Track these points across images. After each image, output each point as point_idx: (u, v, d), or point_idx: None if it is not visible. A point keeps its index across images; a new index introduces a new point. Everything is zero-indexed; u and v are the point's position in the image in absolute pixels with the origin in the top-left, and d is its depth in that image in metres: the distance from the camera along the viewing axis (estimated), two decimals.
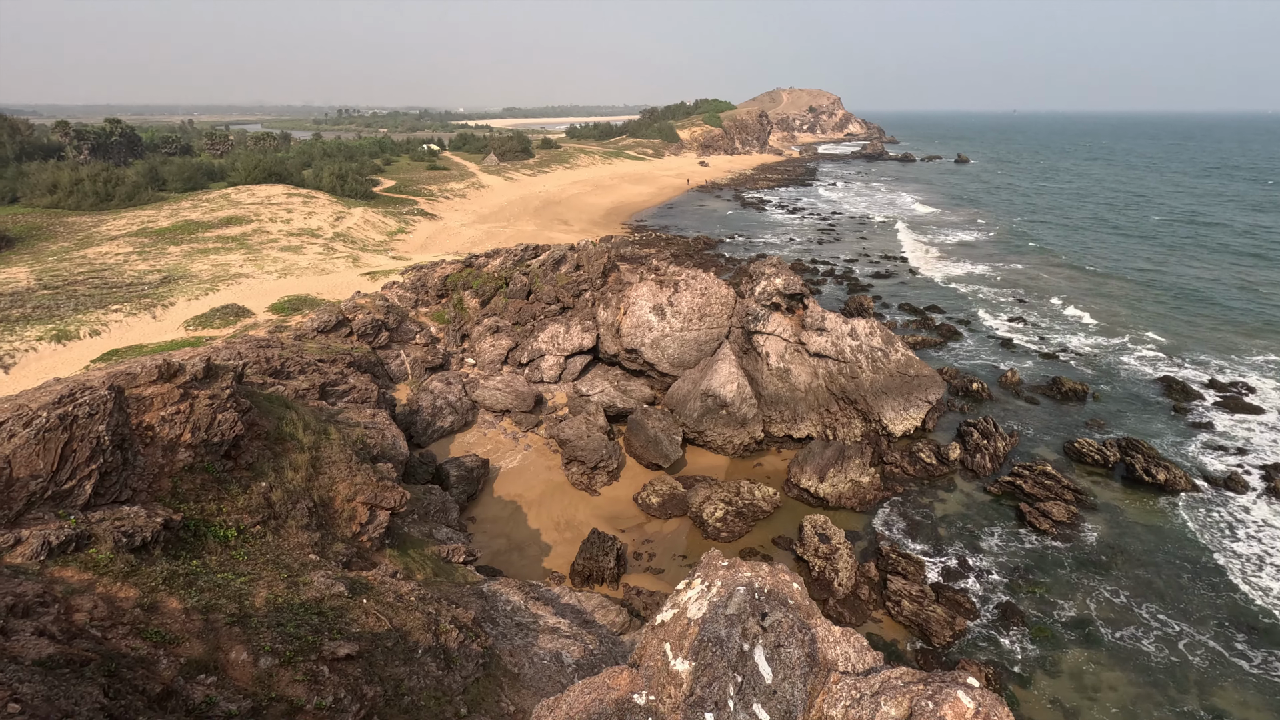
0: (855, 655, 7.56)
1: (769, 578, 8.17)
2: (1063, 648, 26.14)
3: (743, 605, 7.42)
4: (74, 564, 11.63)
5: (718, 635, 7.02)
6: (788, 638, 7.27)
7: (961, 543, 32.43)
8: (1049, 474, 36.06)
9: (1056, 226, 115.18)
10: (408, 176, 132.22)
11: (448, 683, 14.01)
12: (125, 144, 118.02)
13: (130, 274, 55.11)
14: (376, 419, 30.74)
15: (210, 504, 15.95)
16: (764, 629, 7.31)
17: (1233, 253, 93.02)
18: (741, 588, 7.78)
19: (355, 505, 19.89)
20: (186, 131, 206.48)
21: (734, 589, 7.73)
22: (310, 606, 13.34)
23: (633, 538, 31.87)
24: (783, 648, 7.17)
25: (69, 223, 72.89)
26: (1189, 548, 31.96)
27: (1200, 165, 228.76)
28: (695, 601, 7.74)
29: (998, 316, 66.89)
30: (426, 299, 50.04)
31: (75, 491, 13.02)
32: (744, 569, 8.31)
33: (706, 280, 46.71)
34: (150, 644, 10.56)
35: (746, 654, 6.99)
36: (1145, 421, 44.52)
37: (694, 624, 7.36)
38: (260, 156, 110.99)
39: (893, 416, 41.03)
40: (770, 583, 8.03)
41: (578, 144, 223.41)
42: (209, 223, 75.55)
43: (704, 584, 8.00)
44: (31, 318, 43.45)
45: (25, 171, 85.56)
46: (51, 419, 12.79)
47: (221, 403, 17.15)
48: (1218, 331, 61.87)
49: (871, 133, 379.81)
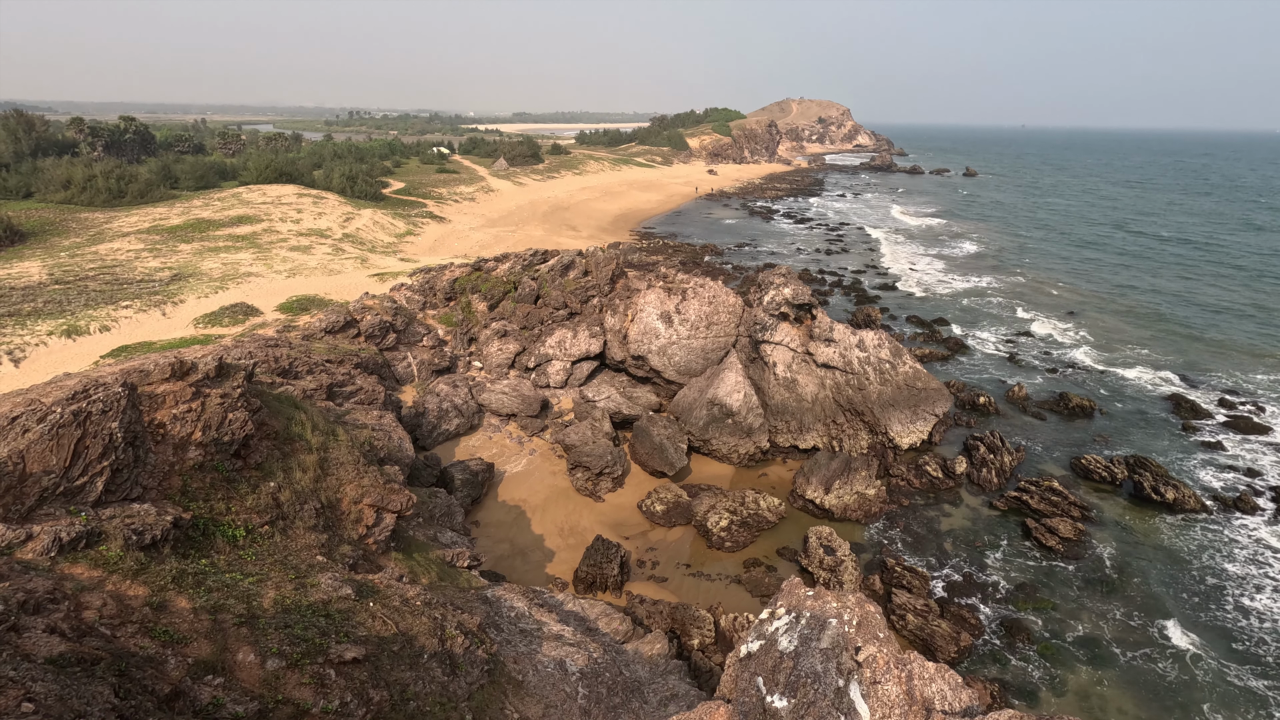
0: (951, 693, 7.18)
1: (857, 609, 7.85)
2: (1070, 666, 25.91)
3: (836, 639, 7.05)
4: (84, 561, 11.63)
5: (814, 670, 6.65)
6: (884, 674, 6.89)
7: (967, 557, 32.22)
8: (1056, 490, 35.84)
9: (1065, 242, 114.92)
10: (417, 179, 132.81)
11: (453, 689, 13.95)
12: (139, 142, 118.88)
13: (141, 271, 55.41)
14: (383, 421, 30.77)
15: (219, 503, 15.96)
16: (859, 664, 6.96)
17: (1243, 272, 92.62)
18: (833, 619, 7.46)
19: (362, 507, 19.88)
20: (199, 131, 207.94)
21: (824, 621, 7.41)
22: (317, 608, 13.31)
23: (636, 545, 31.76)
24: (879, 684, 6.80)
25: (81, 219, 73.40)
26: (1198, 569, 31.68)
27: (1211, 184, 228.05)
28: (785, 633, 7.38)
29: (1005, 330, 66.69)
30: (434, 301, 50.15)
31: (87, 488, 13.04)
32: (830, 599, 7.99)
33: (714, 288, 46.70)
34: (159, 643, 10.54)
35: (842, 690, 6.61)
36: (1153, 439, 44.24)
37: (786, 657, 7.02)
38: (272, 157, 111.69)
39: (899, 429, 40.87)
40: (859, 614, 7.73)
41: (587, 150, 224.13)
42: (220, 221, 75.97)
43: (790, 614, 7.65)
44: (43, 312, 43.70)
45: (40, 167, 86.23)
46: (66, 415, 12.83)
47: (233, 402, 17.18)
48: (1228, 350, 61.52)
49: (880, 144, 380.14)
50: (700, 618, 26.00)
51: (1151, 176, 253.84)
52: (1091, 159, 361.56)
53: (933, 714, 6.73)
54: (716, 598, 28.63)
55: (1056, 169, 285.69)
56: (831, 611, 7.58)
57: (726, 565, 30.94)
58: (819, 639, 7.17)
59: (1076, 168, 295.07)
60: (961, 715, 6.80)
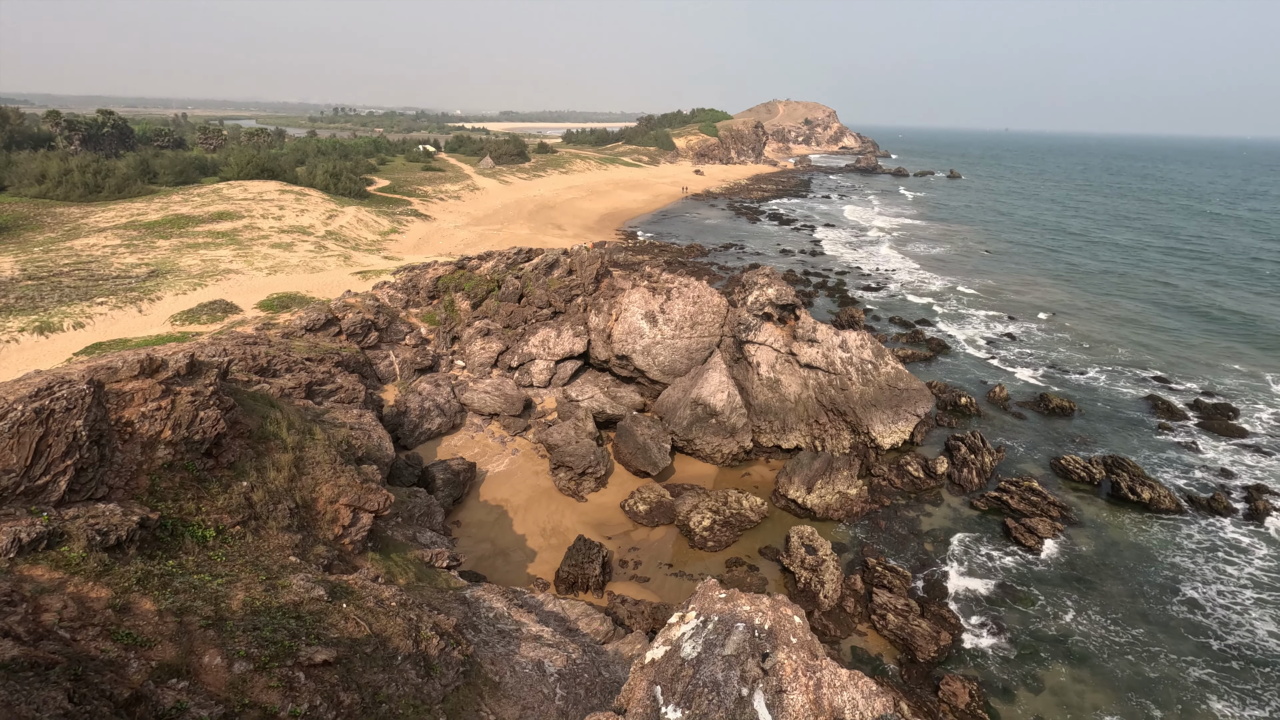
0: (864, 702, 6.91)
1: (770, 612, 7.56)
2: (1046, 664, 26.13)
3: (742, 644, 6.76)
4: (45, 562, 11.33)
5: (714, 679, 6.38)
6: (791, 682, 6.62)
7: (947, 557, 32.41)
8: (1035, 490, 36.17)
9: (1047, 243, 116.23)
10: (402, 177, 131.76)
11: (427, 691, 13.76)
12: (117, 136, 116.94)
13: (117, 267, 54.45)
14: (363, 419, 30.42)
15: (189, 503, 15.65)
16: (765, 671, 6.67)
17: (1221, 275, 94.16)
18: (740, 624, 7.16)
19: (338, 507, 19.60)
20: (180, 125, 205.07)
21: (732, 625, 7.10)
22: (288, 610, 13.07)
23: (619, 545, 31.64)
24: (785, 694, 6.52)
25: (56, 213, 72.03)
26: (1172, 567, 32.10)
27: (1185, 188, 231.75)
28: (690, 639, 7.07)
29: (987, 331, 67.29)
30: (418, 300, 49.73)
31: (49, 487, 12.71)
32: (743, 601, 7.72)
33: (699, 289, 46.68)
34: (121, 646, 10.28)
35: (745, 699, 6.34)
36: (1130, 440, 44.81)
37: (688, 664, 6.71)
38: (254, 152, 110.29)
39: (881, 429, 41.07)
40: (772, 618, 7.44)
41: (574, 149, 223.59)
42: (199, 217, 74.85)
43: (699, 618, 7.34)
44: (14, 308, 42.80)
45: (14, 161, 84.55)
46: (26, 412, 12.49)
47: (204, 400, 16.86)
48: (1203, 352, 62.50)
49: (866, 146, 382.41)
50: None
51: (1129, 181, 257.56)
52: (1072, 163, 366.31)
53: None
54: None
55: (1038, 172, 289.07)
56: (742, 615, 7.30)
57: (709, 565, 30.89)
58: (723, 645, 6.90)
59: (1057, 171, 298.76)
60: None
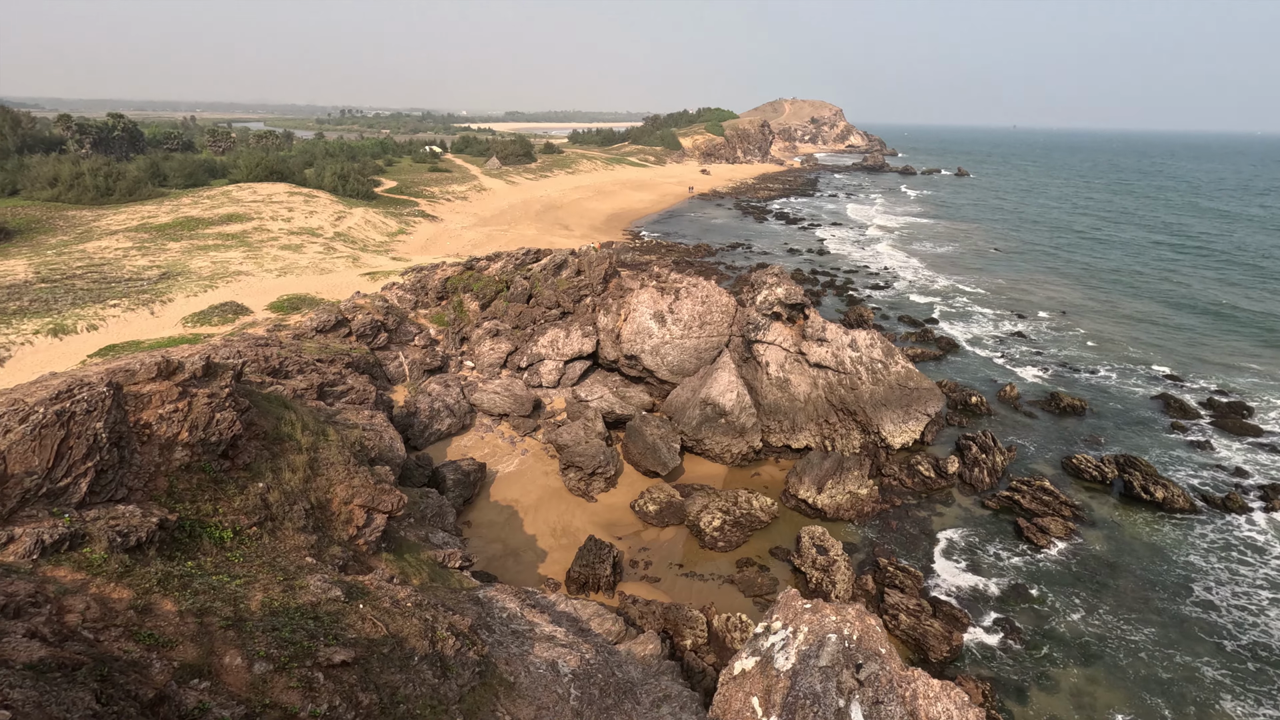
0: (958, 713, 6.91)
1: (857, 622, 7.58)
2: (1060, 664, 26.00)
3: (835, 656, 6.80)
4: (67, 563, 11.44)
5: (813, 691, 6.41)
6: (886, 693, 6.64)
7: (959, 557, 32.30)
8: (1047, 489, 36.00)
9: (1056, 242, 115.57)
10: (409, 178, 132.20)
11: (444, 691, 13.82)
12: (127, 139, 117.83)
13: (129, 269, 54.87)
14: (374, 420, 30.55)
15: (206, 504, 15.76)
16: (860, 683, 6.70)
17: (1232, 273, 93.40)
18: (832, 635, 7.20)
19: (352, 508, 19.70)
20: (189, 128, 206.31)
21: (824, 636, 7.14)
22: (306, 611, 13.15)
23: (629, 545, 31.67)
24: (882, 704, 6.55)
25: (69, 216, 72.64)
26: (1186, 567, 31.87)
27: (1194, 185, 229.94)
28: (781, 650, 7.12)
29: (997, 330, 66.98)
30: (426, 301, 49.90)
31: (70, 489, 12.83)
32: (829, 612, 7.73)
33: (707, 288, 46.66)
34: (143, 647, 10.37)
35: (843, 711, 6.38)
36: (1143, 439, 44.51)
37: (783, 676, 6.77)
38: (262, 155, 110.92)
39: (891, 429, 40.95)
40: (859, 629, 7.46)
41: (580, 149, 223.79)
42: (209, 220, 75.34)
43: (788, 629, 7.38)
44: (28, 311, 43.18)
45: (26, 164, 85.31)
46: (49, 415, 12.62)
47: (220, 401, 16.98)
48: (1216, 351, 62.02)
49: (873, 145, 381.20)
50: (693, 618, 25.94)
51: (1138, 177, 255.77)
52: (1080, 160, 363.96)
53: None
54: (709, 598, 28.58)
55: (1046, 170, 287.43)
56: (831, 626, 7.33)
57: (719, 565, 30.89)
58: (818, 656, 6.93)
59: (1065, 169, 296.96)
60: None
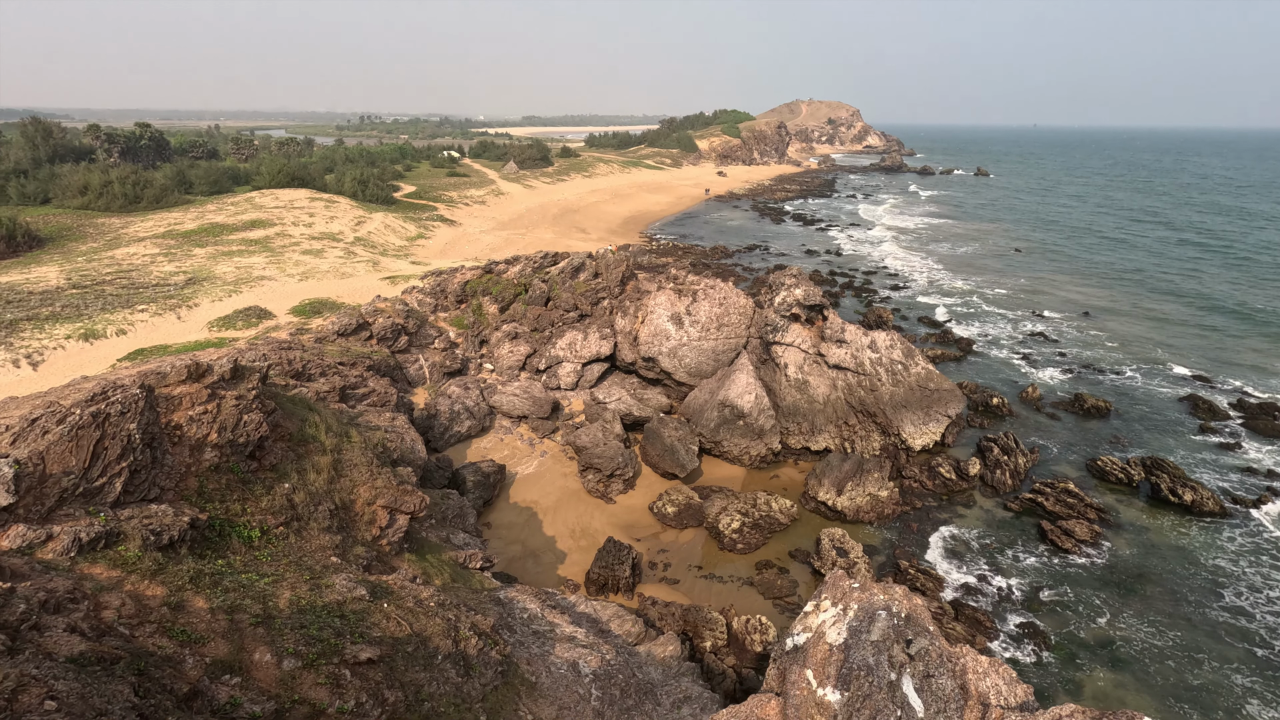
0: (1006, 688, 7.06)
1: (905, 601, 7.72)
2: (1085, 669, 25.62)
3: (886, 631, 6.93)
4: (103, 561, 11.75)
5: (866, 663, 6.53)
6: (937, 667, 6.76)
7: (981, 560, 31.95)
8: (1071, 492, 35.49)
9: (1078, 242, 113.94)
10: (428, 183, 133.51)
11: (467, 690, 13.97)
12: (154, 148, 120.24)
13: (156, 275, 56.00)
14: (395, 422, 30.91)
15: (235, 504, 16.07)
16: (910, 657, 6.83)
17: (1256, 270, 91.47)
18: (881, 612, 7.34)
19: (375, 509, 19.97)
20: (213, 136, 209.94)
21: (873, 613, 7.28)
22: (332, 609, 13.37)
23: (648, 547, 31.71)
24: (933, 678, 6.67)
25: (98, 224, 74.31)
26: (1216, 572, 31.25)
27: (1220, 182, 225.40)
28: (832, 626, 7.26)
29: (1018, 331, 66.16)
30: (446, 304, 50.37)
31: (105, 489, 13.16)
32: (877, 591, 7.87)
33: (725, 290, 46.62)
34: (177, 643, 10.62)
35: (895, 684, 6.51)
36: (1170, 440, 43.72)
37: (836, 650, 6.90)
38: (284, 161, 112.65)
39: (912, 430, 40.62)
40: (907, 607, 7.60)
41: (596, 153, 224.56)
42: (233, 226, 76.67)
43: (837, 607, 7.53)
44: (60, 316, 44.24)
45: (57, 173, 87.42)
46: (85, 416, 12.96)
47: (247, 404, 17.31)
48: (1244, 351, 60.75)
49: (890, 145, 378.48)
50: (713, 620, 25.92)
51: (1160, 176, 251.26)
52: (1101, 158, 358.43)
53: (990, 709, 6.61)
54: (729, 600, 28.53)
55: (1067, 169, 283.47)
56: (880, 604, 7.46)
57: (738, 567, 30.83)
58: (869, 631, 7.04)
59: (1086, 167, 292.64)
60: (1019, 710, 6.66)
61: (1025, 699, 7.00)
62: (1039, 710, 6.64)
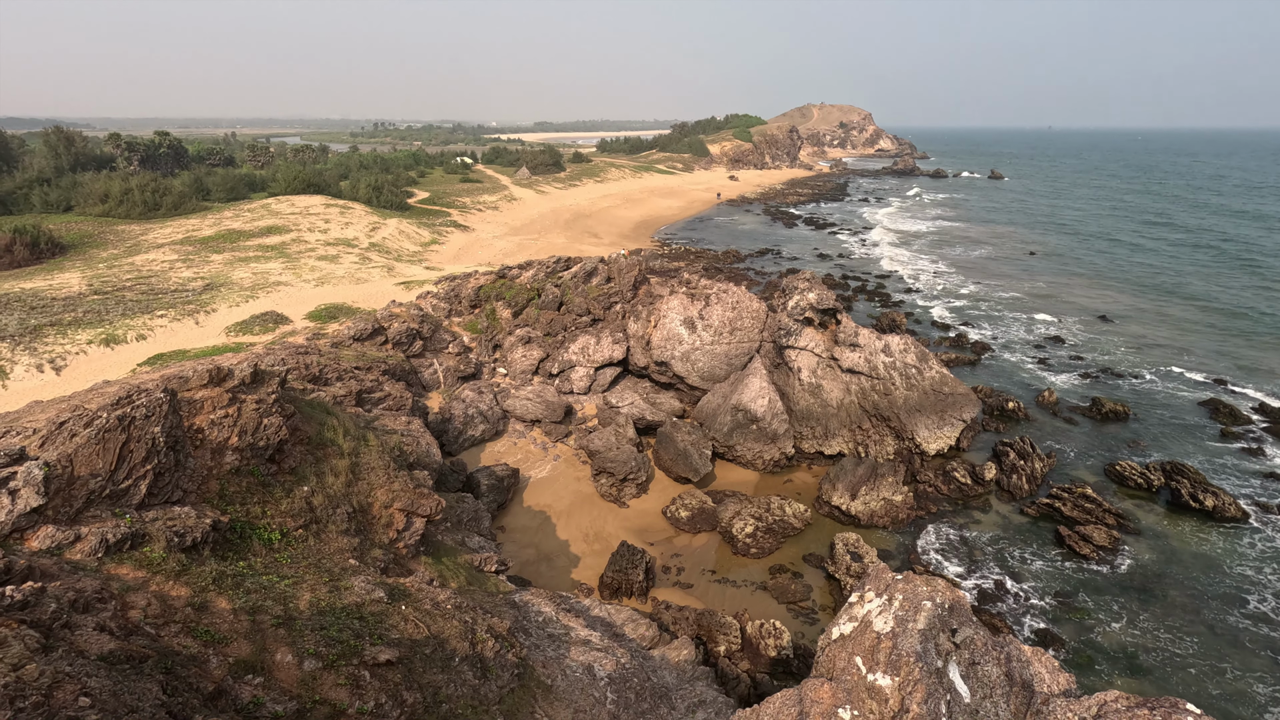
0: (1049, 676, 7.23)
1: (947, 592, 7.89)
2: (1103, 675, 25.31)
3: (932, 620, 7.10)
4: (129, 562, 11.97)
5: (914, 650, 6.70)
6: (983, 655, 6.93)
7: (997, 565, 31.67)
8: (1089, 496, 35.12)
9: (1094, 244, 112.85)
10: (441, 188, 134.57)
11: (484, 692, 14.06)
12: (172, 155, 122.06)
13: (175, 281, 56.82)
14: (411, 426, 31.15)
15: (255, 506, 16.29)
16: (956, 645, 6.99)
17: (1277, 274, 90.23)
18: (926, 602, 7.51)
19: (392, 511, 20.14)
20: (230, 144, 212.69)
21: (918, 603, 7.45)
22: (351, 611, 13.52)
23: (661, 551, 31.72)
24: (978, 665, 6.83)
25: (119, 231, 75.52)
26: (1237, 578, 30.78)
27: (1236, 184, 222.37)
28: (878, 615, 7.44)
29: (1034, 335, 65.59)
30: (460, 309, 50.72)
31: (131, 491, 13.40)
32: (919, 583, 8.04)
33: (738, 294, 46.62)
34: (201, 643, 10.79)
35: (942, 671, 6.67)
36: (1190, 445, 43.15)
37: (885, 638, 7.07)
38: (299, 168, 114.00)
39: (926, 435, 40.38)
40: (949, 598, 7.77)
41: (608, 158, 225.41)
42: (250, 232, 77.65)
43: (882, 598, 7.70)
44: (82, 321, 44.99)
45: (79, 181, 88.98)
46: (111, 420, 13.21)
47: (267, 407, 17.55)
48: (1265, 354, 59.86)
49: (902, 148, 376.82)
50: (726, 624, 25.87)
51: (1177, 179, 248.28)
52: (1117, 161, 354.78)
53: (1034, 696, 6.71)
54: (742, 604, 28.47)
55: (1082, 171, 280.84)
56: (924, 594, 7.59)
57: (752, 571, 30.76)
58: (915, 620, 7.17)
59: (1102, 170, 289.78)
60: (1063, 696, 6.74)
61: (1068, 687, 7.11)
62: (1082, 696, 6.70)
